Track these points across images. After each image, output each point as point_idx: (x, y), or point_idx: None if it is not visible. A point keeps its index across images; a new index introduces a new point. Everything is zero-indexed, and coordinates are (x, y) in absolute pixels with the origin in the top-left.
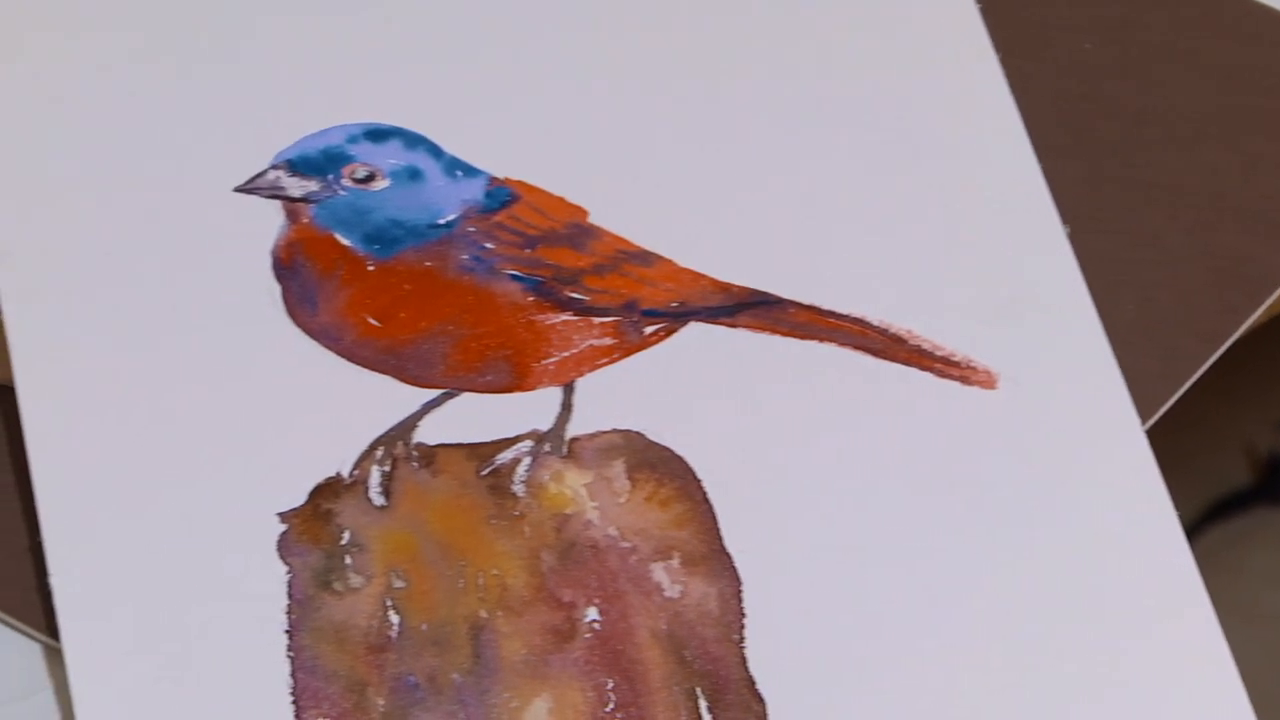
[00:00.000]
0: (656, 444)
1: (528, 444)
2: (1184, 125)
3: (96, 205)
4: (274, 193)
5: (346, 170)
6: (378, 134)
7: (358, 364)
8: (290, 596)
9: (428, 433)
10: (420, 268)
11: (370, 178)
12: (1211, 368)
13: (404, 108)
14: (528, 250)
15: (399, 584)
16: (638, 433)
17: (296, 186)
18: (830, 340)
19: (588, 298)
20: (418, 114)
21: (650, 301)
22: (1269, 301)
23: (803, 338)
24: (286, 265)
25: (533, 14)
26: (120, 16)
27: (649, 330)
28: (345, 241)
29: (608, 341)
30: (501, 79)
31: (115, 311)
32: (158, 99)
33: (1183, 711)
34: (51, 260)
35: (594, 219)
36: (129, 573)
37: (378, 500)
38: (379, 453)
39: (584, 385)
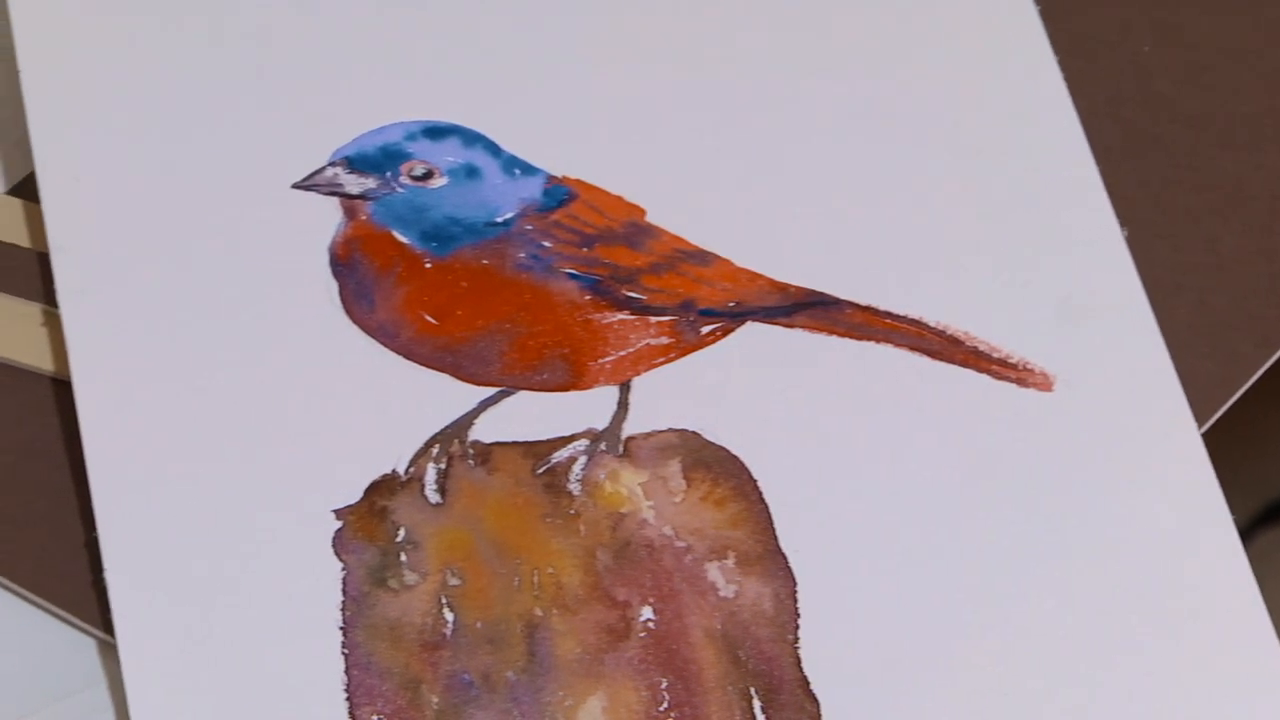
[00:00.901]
0: (712, 443)
1: (584, 443)
2: (1243, 128)
3: (153, 201)
4: (332, 189)
5: (405, 167)
6: (436, 131)
7: (414, 361)
8: (345, 593)
9: (484, 431)
10: (477, 265)
11: (428, 175)
12: (1268, 372)
13: (462, 105)
14: (585, 249)
15: (454, 582)
16: (694, 432)
17: (354, 183)
18: (887, 341)
19: (645, 297)
20: (476, 111)
21: (707, 301)
22: None
23: (859, 338)
24: (344, 262)
25: (592, 12)
26: (177, 13)
27: (706, 330)
28: (403, 239)
29: (664, 341)
30: (559, 76)
31: (171, 308)
32: (215, 95)
33: (1236, 712)
34: (108, 256)
35: (651, 218)
36: (183, 568)
37: (433, 498)
38: (435, 450)
39: (640, 384)
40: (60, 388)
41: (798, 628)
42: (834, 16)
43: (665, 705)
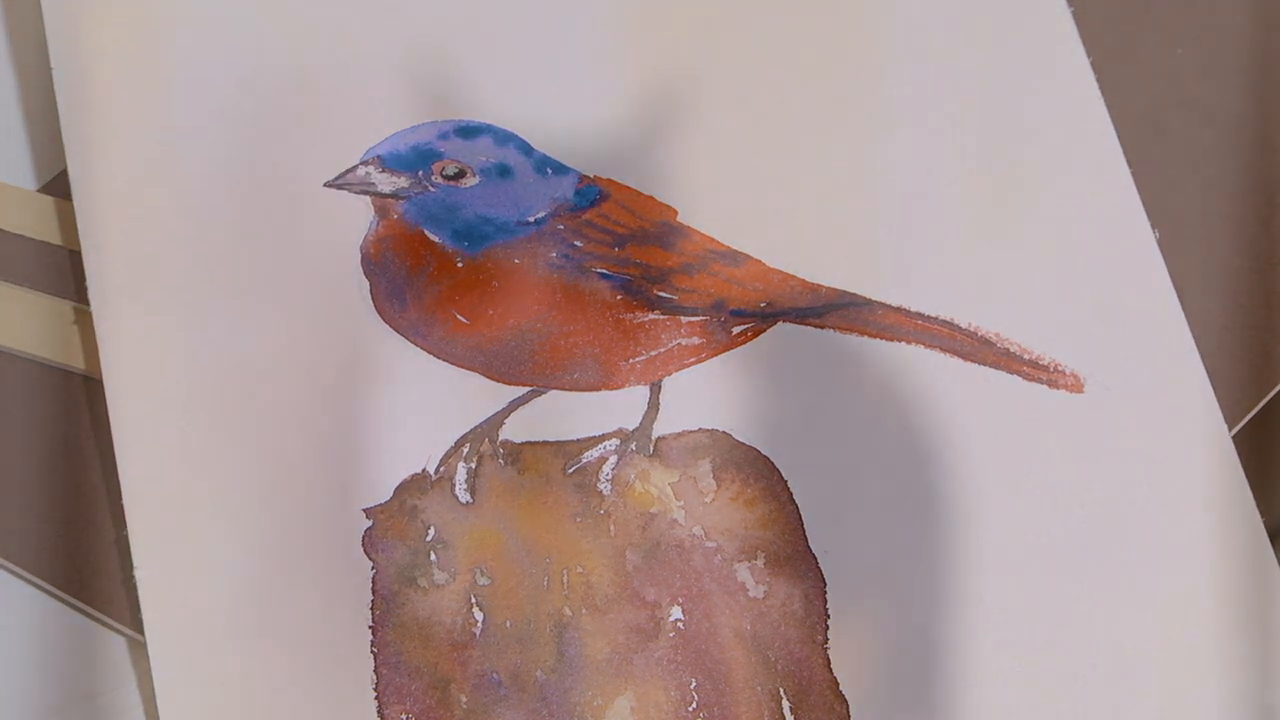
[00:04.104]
0: (743, 444)
1: (614, 442)
2: (1277, 131)
3: (184, 200)
4: (364, 188)
5: (437, 167)
6: (468, 130)
7: (445, 360)
8: (375, 592)
9: (514, 430)
10: (509, 265)
11: (460, 174)
12: None
13: (496, 105)
14: (617, 249)
15: (483, 581)
16: (724, 432)
17: (387, 182)
18: (918, 342)
19: (676, 297)
20: (509, 111)
21: (738, 301)
22: None
23: (891, 339)
24: (376, 261)
25: (623, 14)
26: (209, 12)
27: (737, 330)
28: (434, 238)
29: (695, 341)
30: (592, 77)
31: (203, 307)
32: (247, 96)
33: (1268, 712)
34: (139, 254)
35: (683, 218)
36: (213, 567)
37: (464, 497)
38: (465, 449)
39: (671, 384)
40: (91, 385)
41: (827, 629)
42: (867, 20)
43: (694, 705)
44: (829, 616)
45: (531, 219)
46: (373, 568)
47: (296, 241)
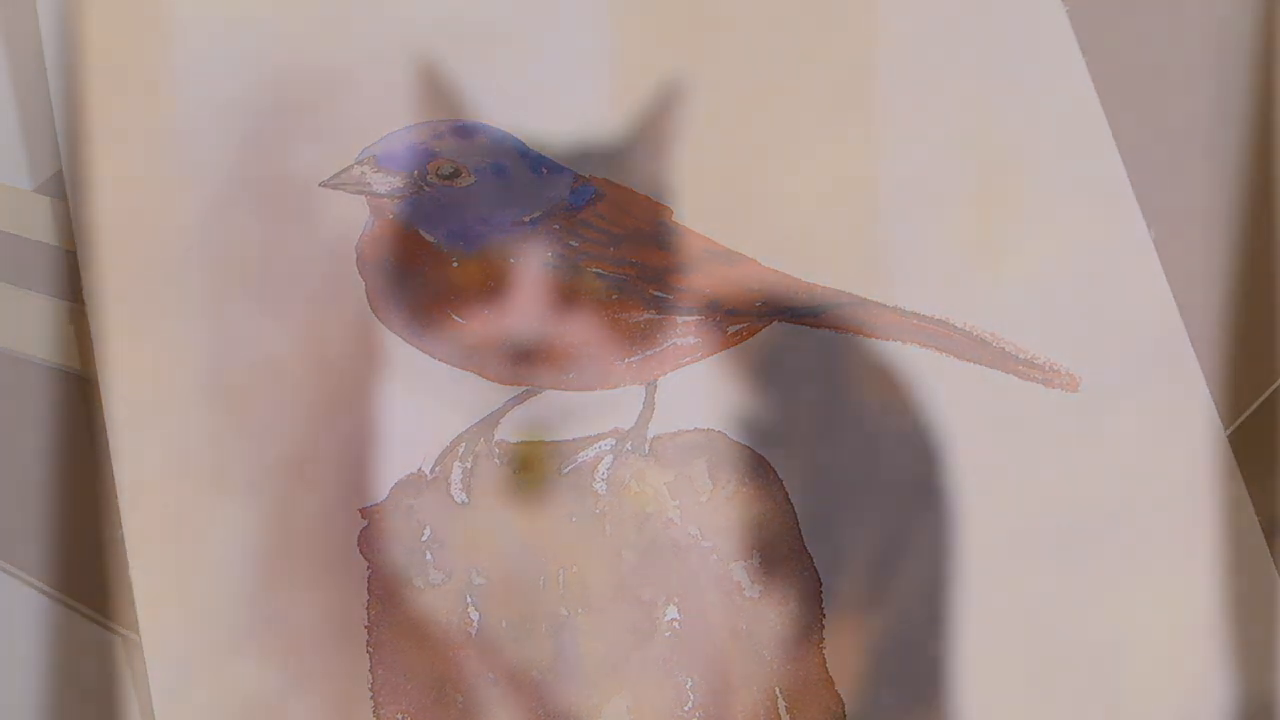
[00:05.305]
0: (738, 443)
1: (609, 442)
2: (1274, 130)
3: (180, 199)
4: (359, 188)
5: (432, 166)
6: (464, 130)
7: (441, 360)
8: (370, 592)
9: (510, 430)
10: (504, 264)
11: (455, 174)
12: None
13: (491, 104)
14: (612, 248)
15: (479, 581)
16: (719, 432)
17: (382, 182)
18: (914, 341)
19: (671, 296)
20: (505, 111)
21: (734, 301)
22: None
23: (886, 339)
24: (371, 261)
25: (619, 14)
26: (204, 11)
27: (732, 329)
28: (429, 237)
29: (691, 340)
30: (588, 77)
31: (198, 306)
32: (243, 94)
33: (1264, 709)
34: (135, 254)
35: (678, 218)
36: (208, 566)
37: (459, 497)
38: (461, 449)
39: (666, 384)
40: (87, 385)
41: (823, 628)
42: (861, 19)
43: (690, 705)
44: (825, 615)
45: (527, 219)
46: (368, 568)
47: (293, 241)
